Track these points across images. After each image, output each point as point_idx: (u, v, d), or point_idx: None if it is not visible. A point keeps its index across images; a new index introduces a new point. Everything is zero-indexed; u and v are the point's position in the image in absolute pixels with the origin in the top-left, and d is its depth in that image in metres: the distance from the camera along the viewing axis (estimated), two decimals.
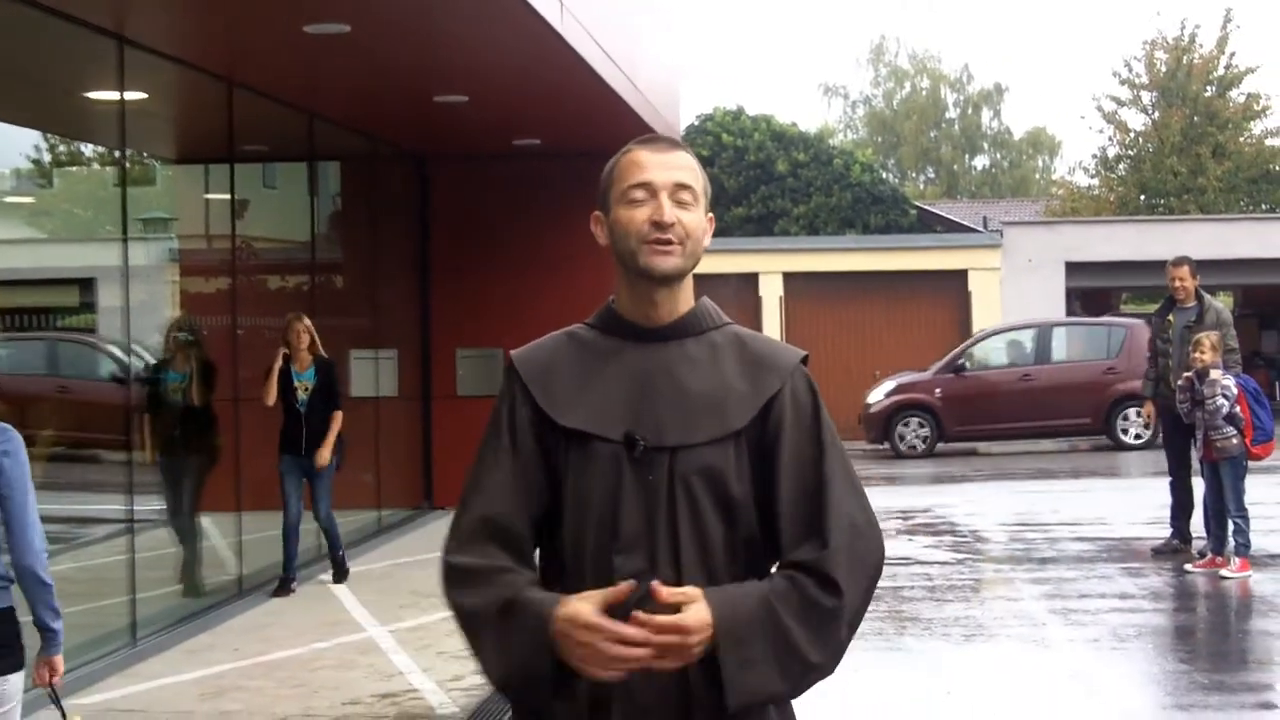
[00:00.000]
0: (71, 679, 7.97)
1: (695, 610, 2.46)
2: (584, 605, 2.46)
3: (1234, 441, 10.60)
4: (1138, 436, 21.41)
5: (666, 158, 2.69)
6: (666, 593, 2.47)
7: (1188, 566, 10.97)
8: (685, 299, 2.72)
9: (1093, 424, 22.05)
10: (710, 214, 2.77)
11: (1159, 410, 11.94)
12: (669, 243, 2.63)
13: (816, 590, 2.53)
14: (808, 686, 2.57)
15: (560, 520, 2.64)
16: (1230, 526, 10.72)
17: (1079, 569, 11.34)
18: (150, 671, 8.50)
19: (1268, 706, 7.39)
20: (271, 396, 10.72)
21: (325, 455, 10.77)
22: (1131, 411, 20.87)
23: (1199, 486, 11.42)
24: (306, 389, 10.79)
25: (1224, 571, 10.62)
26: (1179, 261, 11.80)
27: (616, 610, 2.45)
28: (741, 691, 2.49)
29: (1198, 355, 10.71)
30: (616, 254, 2.70)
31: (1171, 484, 11.84)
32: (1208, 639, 9.24)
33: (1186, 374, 10.94)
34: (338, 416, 10.93)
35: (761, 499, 2.62)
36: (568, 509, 2.62)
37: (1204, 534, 11.42)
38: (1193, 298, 11.68)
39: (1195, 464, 11.39)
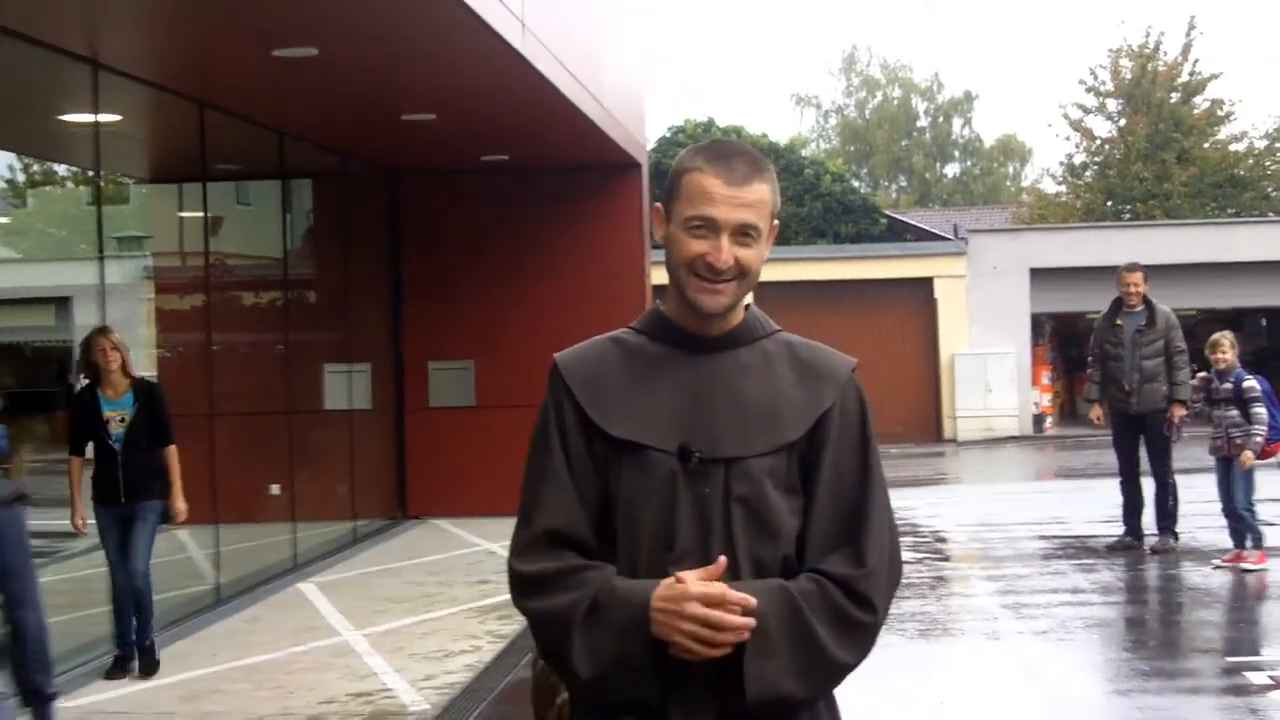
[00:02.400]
0: (58, 682, 8.26)
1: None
2: (678, 583, 2.44)
3: (1257, 440, 10.89)
4: None
5: (738, 192, 2.56)
6: (735, 596, 2.47)
7: (1215, 563, 11.13)
8: (736, 311, 2.66)
9: None
10: (775, 222, 2.66)
11: (1109, 412, 12.25)
12: (722, 283, 2.57)
13: (847, 602, 2.50)
14: (829, 688, 2.56)
15: (612, 529, 2.59)
16: (1245, 521, 11.05)
17: (1033, 566, 11.69)
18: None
19: (1201, 691, 7.72)
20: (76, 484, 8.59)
21: (180, 504, 8.75)
22: None
23: (1148, 486, 11.81)
24: (123, 420, 8.59)
25: (1245, 565, 10.92)
26: (1133, 267, 12.17)
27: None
28: (760, 685, 2.46)
29: (1219, 355, 11.03)
30: (668, 267, 2.63)
31: (1122, 483, 12.14)
32: (1152, 630, 9.57)
33: (1203, 374, 11.30)
34: (172, 453, 8.72)
35: (802, 504, 2.60)
36: (620, 519, 2.57)
37: (1155, 530, 11.80)
38: (1141, 302, 12.03)
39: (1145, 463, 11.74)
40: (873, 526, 2.58)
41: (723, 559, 2.46)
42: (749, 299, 2.68)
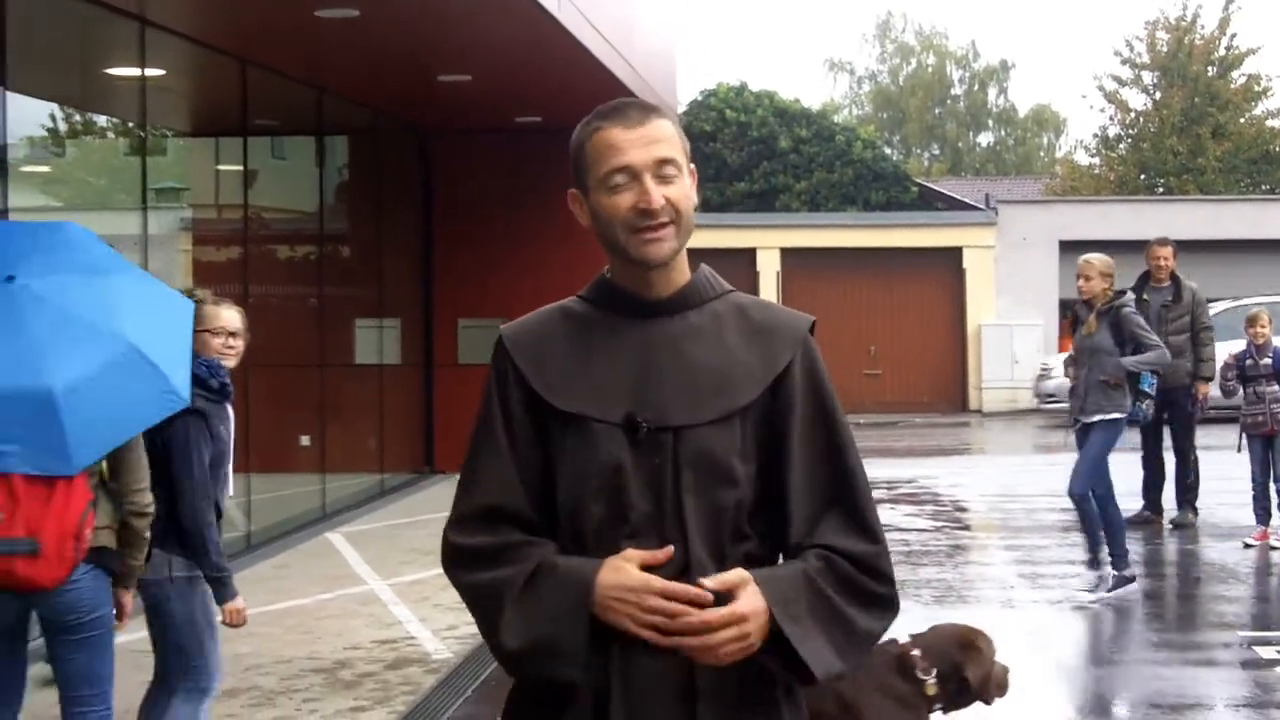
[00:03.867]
0: None
1: (748, 596, 2.37)
2: (630, 566, 2.40)
3: None
4: None
5: (642, 132, 2.49)
6: (712, 583, 2.36)
7: (1248, 540, 11.19)
8: (681, 271, 2.57)
9: None
10: (692, 167, 2.57)
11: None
12: (660, 227, 2.48)
13: (863, 577, 2.46)
14: (857, 659, 2.49)
15: (558, 504, 2.52)
16: (1277, 499, 11.13)
17: (1052, 537, 11.85)
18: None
19: (1208, 664, 7.87)
20: None
21: None
22: None
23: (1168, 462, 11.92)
24: None
25: (1274, 541, 11.04)
26: (1164, 242, 12.14)
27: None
28: (817, 663, 2.40)
29: (1258, 329, 11.01)
30: (602, 240, 2.55)
31: (1143, 458, 12.22)
32: (1165, 602, 9.72)
33: (1236, 351, 11.27)
34: None
35: (767, 474, 2.51)
36: (564, 492, 2.50)
37: (1175, 505, 11.91)
38: (1169, 278, 12.06)
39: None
40: (864, 495, 2.53)
41: (665, 550, 2.41)
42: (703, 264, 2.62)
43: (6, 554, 4.50)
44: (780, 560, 2.53)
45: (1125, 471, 13.63)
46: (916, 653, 4.69)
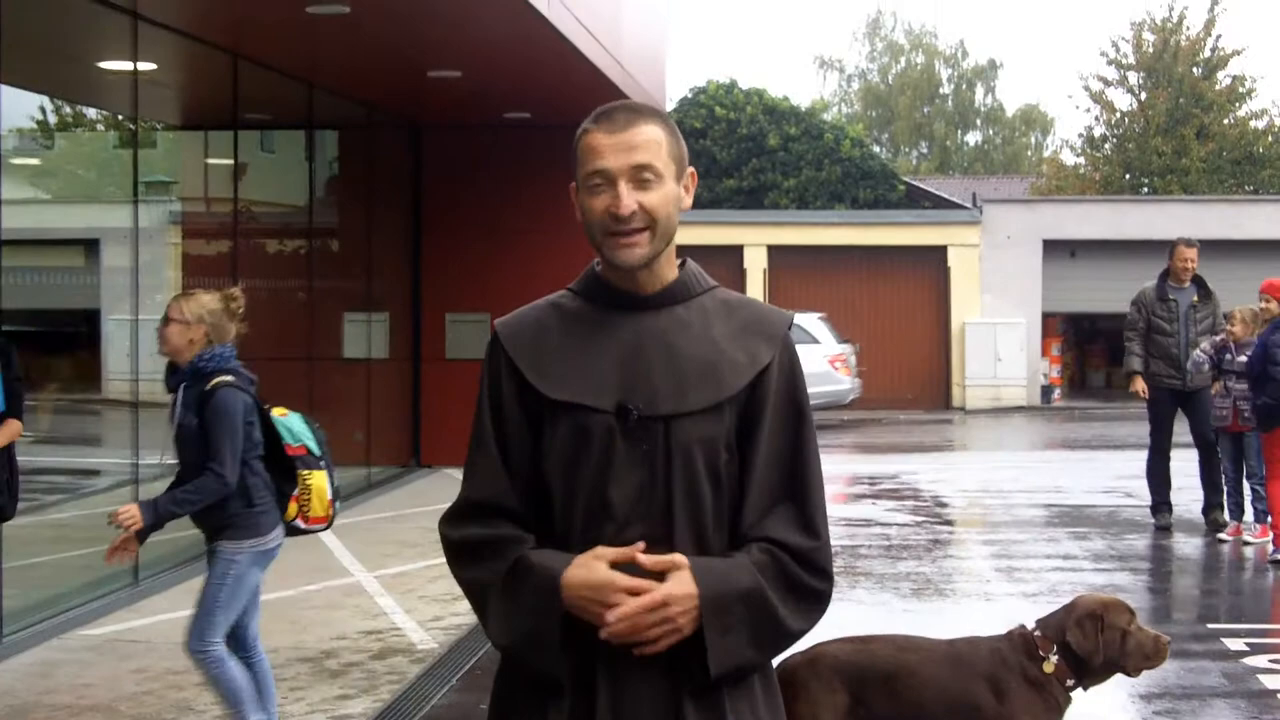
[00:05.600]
0: (80, 613, 8.66)
1: (678, 579, 2.48)
2: (599, 564, 2.49)
3: None
4: None
5: (623, 137, 2.56)
6: (650, 561, 2.48)
7: (1221, 536, 11.29)
8: (669, 268, 2.65)
9: None
10: (691, 170, 2.68)
11: (1151, 387, 11.91)
12: (633, 233, 2.55)
13: (803, 573, 2.56)
14: (779, 653, 2.65)
15: (549, 493, 2.61)
16: (1249, 494, 11.25)
17: (1029, 532, 12.00)
18: (153, 608, 9.11)
19: (1176, 655, 8.01)
20: None
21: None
22: None
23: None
24: None
25: (1246, 537, 11.17)
26: (1189, 243, 11.91)
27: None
28: (723, 659, 2.50)
29: (1231, 328, 11.06)
30: (588, 238, 2.63)
31: (1152, 457, 11.99)
32: (1137, 595, 9.84)
33: (1212, 339, 11.23)
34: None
35: (739, 464, 2.61)
36: (555, 482, 2.59)
37: (1205, 505, 11.82)
38: (1191, 279, 11.90)
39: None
40: (816, 492, 2.62)
41: (636, 545, 2.50)
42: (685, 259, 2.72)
43: None
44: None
45: (1109, 468, 13.80)
46: (1038, 634, 4.81)
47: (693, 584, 2.47)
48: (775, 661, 2.73)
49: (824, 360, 21.43)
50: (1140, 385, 11.89)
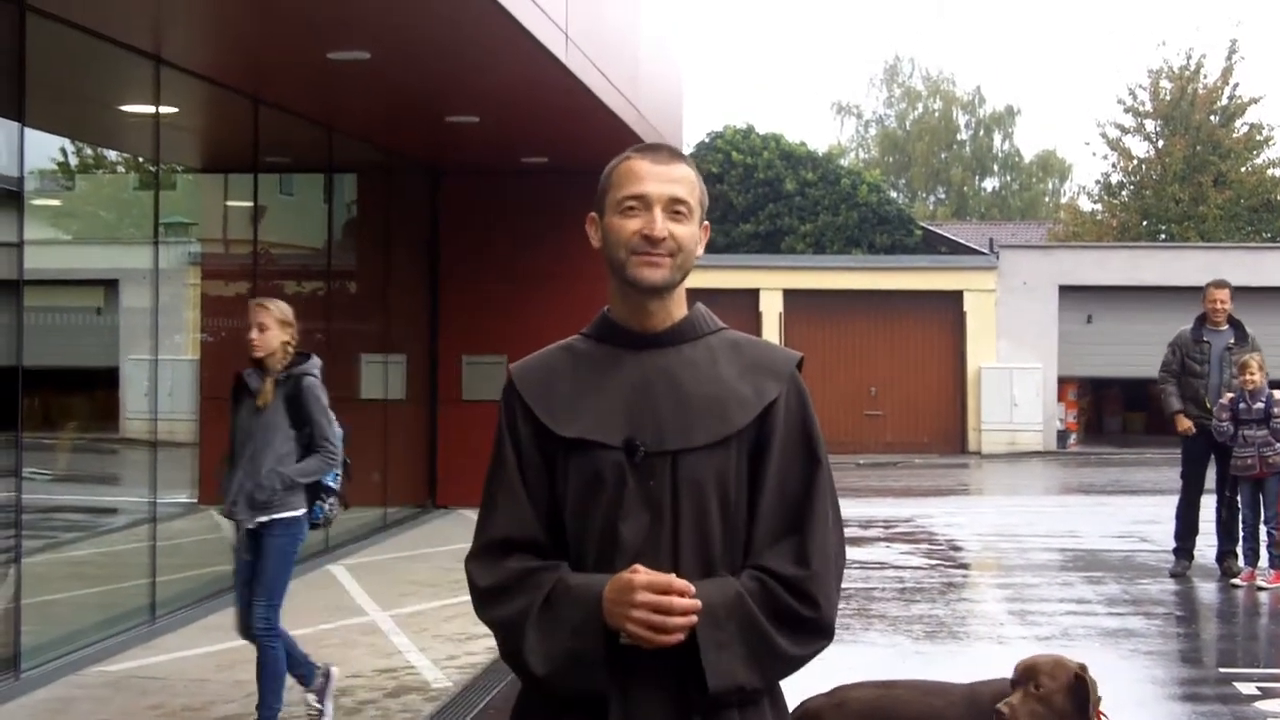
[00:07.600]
0: (96, 650, 8.72)
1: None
2: (625, 573, 2.53)
3: None
4: None
5: (665, 170, 2.69)
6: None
7: (1235, 582, 11.30)
8: (678, 307, 2.72)
9: None
10: (706, 223, 2.77)
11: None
12: (659, 255, 2.64)
13: (790, 599, 2.58)
14: (779, 678, 2.64)
15: (564, 530, 2.66)
16: (1265, 539, 11.26)
17: (1043, 576, 12.01)
18: (169, 645, 9.17)
19: (1189, 699, 8.03)
20: None
21: None
22: None
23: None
24: None
25: (1260, 582, 11.19)
26: (1221, 284, 11.91)
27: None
28: (720, 675, 2.52)
29: (1248, 376, 11.09)
30: (607, 260, 2.70)
31: (1183, 503, 11.92)
32: (1150, 640, 9.84)
33: (1230, 394, 11.26)
34: None
35: (748, 499, 2.65)
36: (570, 517, 2.65)
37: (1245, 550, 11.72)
38: (1225, 320, 11.86)
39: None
40: (816, 526, 2.63)
41: (668, 576, 2.53)
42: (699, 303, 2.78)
43: None
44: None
45: (1124, 513, 13.79)
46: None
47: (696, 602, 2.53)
48: (797, 702, 2.76)
49: None
50: (1186, 423, 11.74)
